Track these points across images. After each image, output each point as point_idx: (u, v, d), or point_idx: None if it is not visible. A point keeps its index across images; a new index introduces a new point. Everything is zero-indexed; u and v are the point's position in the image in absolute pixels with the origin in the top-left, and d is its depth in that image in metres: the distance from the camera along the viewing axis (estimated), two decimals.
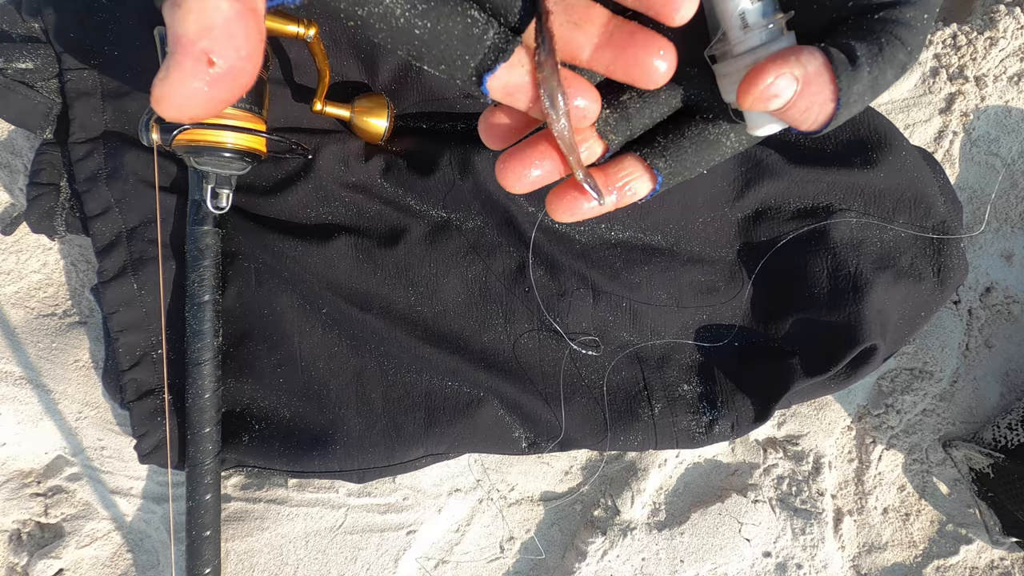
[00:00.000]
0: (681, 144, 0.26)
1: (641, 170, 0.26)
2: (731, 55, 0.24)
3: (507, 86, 0.23)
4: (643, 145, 0.27)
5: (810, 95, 0.22)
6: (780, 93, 0.21)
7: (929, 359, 0.69)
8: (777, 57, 0.22)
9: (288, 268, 0.57)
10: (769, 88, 0.21)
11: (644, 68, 0.23)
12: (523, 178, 0.25)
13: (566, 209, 0.26)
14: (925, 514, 0.69)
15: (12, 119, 0.55)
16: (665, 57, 0.23)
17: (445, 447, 0.58)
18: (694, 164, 0.27)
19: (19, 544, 0.60)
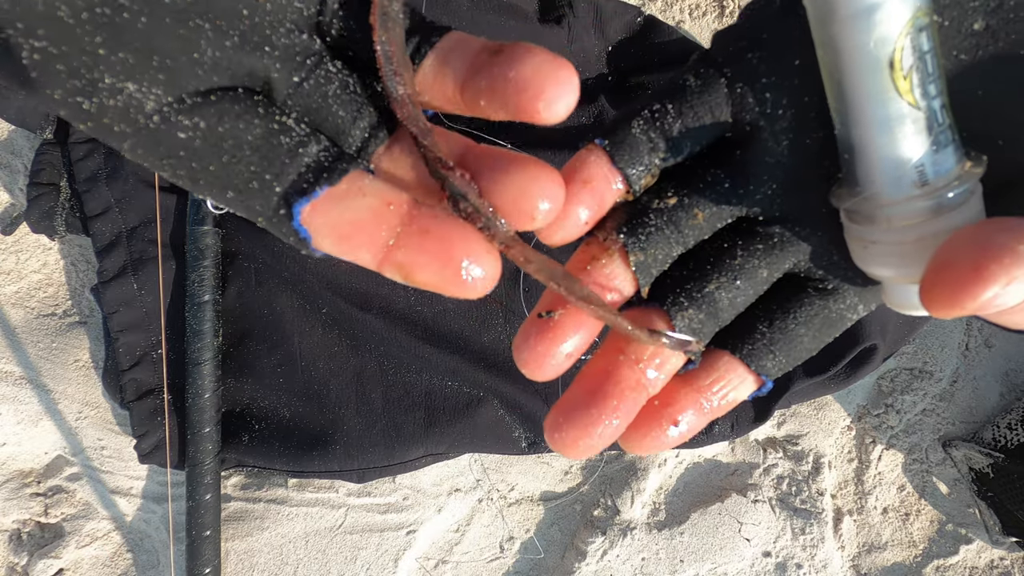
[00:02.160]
0: (793, 332, 0.20)
1: (743, 374, 0.20)
2: (885, 222, 0.17)
3: (340, 224, 0.16)
4: (741, 340, 0.20)
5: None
6: (1008, 302, 0.14)
7: (929, 359, 0.69)
8: (998, 245, 0.14)
9: (288, 268, 0.57)
10: (994, 299, 0.14)
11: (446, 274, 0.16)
12: (549, 357, 0.18)
13: (648, 443, 0.19)
14: (925, 514, 0.69)
15: (12, 119, 0.55)
16: (476, 263, 0.16)
17: (445, 447, 0.58)
18: (809, 351, 0.20)
19: (19, 544, 0.60)
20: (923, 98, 0.16)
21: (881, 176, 0.16)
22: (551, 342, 0.18)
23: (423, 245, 0.16)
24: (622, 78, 0.63)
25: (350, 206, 0.16)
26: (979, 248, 0.14)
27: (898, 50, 0.15)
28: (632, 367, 0.19)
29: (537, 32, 0.58)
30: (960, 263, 0.14)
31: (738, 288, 0.19)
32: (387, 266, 0.17)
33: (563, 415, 0.18)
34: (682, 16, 0.68)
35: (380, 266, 0.17)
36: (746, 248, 0.19)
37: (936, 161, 0.16)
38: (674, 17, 0.68)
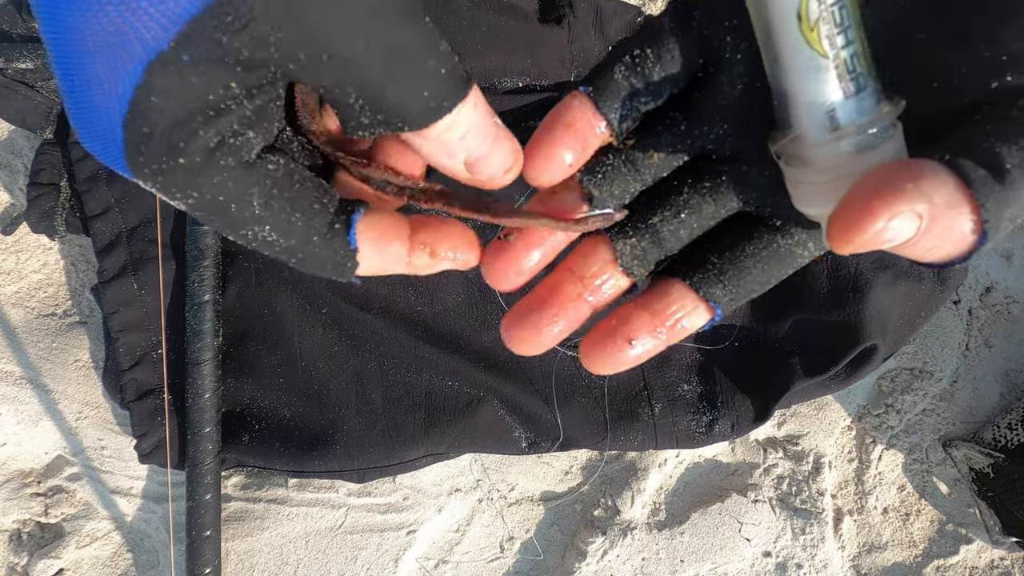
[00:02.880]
0: (742, 264, 0.21)
1: (694, 301, 0.22)
2: (811, 163, 0.18)
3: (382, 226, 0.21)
4: (693, 268, 0.22)
5: (940, 232, 0.16)
6: (896, 237, 0.16)
7: (929, 359, 0.69)
8: (887, 184, 0.15)
9: (288, 268, 0.57)
10: (880, 234, 0.15)
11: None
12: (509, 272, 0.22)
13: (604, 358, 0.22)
14: (925, 514, 0.69)
15: (12, 119, 0.55)
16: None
17: (445, 447, 0.58)
18: (760, 284, 0.22)
19: (19, 544, 0.60)
20: (831, 47, 0.17)
21: (802, 120, 0.18)
22: (509, 260, 0.22)
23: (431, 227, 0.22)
24: None
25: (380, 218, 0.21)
26: (871, 187, 0.16)
27: (804, 3, 0.17)
28: (575, 282, 0.22)
29: (537, 32, 0.58)
30: (854, 201, 0.16)
31: (681, 221, 0.22)
32: (416, 249, 0.22)
33: (515, 319, 0.23)
34: None
35: (411, 252, 0.22)
36: (694, 185, 0.21)
37: (849, 106, 0.17)
38: None
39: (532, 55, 0.58)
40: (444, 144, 0.20)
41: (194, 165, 0.18)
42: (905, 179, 0.15)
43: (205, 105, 0.17)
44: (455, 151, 0.20)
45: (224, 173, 0.18)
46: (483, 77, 0.58)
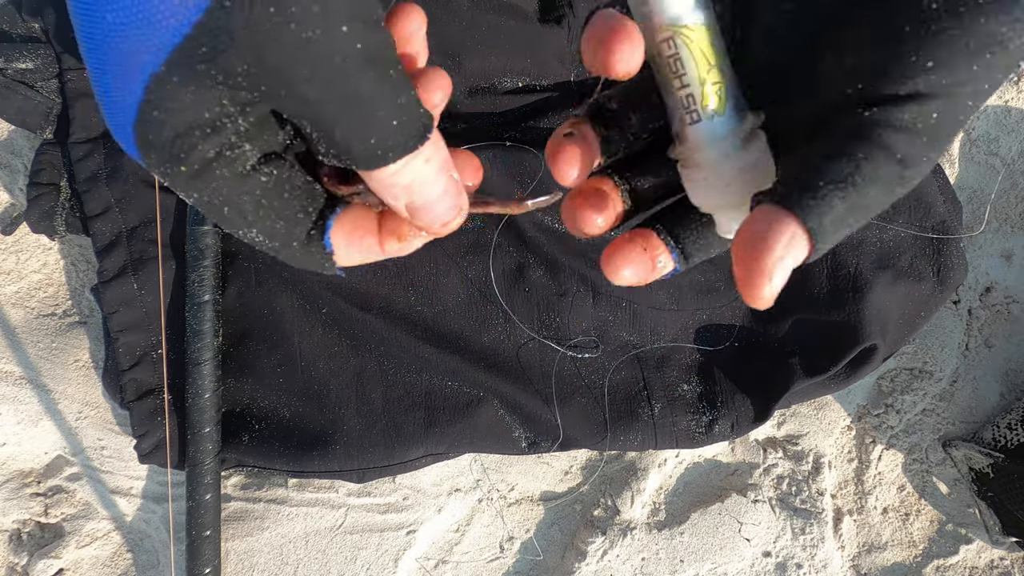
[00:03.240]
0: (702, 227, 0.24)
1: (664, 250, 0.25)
2: (693, 164, 0.23)
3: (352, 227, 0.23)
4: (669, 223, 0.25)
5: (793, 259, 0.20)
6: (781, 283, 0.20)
7: (929, 359, 0.69)
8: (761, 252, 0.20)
9: (288, 268, 0.56)
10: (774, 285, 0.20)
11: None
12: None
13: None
14: (925, 514, 0.69)
15: (12, 119, 0.55)
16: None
17: (445, 447, 0.58)
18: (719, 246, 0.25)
19: (19, 544, 0.60)
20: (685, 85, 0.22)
21: (681, 133, 0.23)
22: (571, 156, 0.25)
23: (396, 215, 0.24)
24: None
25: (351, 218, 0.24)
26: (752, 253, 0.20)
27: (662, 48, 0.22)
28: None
29: (537, 32, 0.58)
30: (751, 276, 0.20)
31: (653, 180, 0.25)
32: (385, 238, 0.24)
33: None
34: None
35: (381, 243, 0.24)
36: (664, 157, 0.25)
37: (720, 127, 0.22)
38: None
39: (532, 55, 0.58)
40: (388, 187, 0.22)
41: (193, 172, 0.20)
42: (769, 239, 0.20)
43: (203, 121, 0.20)
44: (398, 195, 0.22)
45: (219, 182, 0.21)
46: (483, 77, 0.58)
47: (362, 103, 0.20)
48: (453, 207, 0.23)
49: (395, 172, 0.21)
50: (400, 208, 0.23)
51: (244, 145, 0.21)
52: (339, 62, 0.19)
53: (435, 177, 0.22)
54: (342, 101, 0.19)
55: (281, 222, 0.22)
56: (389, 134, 0.20)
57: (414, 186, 0.22)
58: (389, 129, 0.20)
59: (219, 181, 0.21)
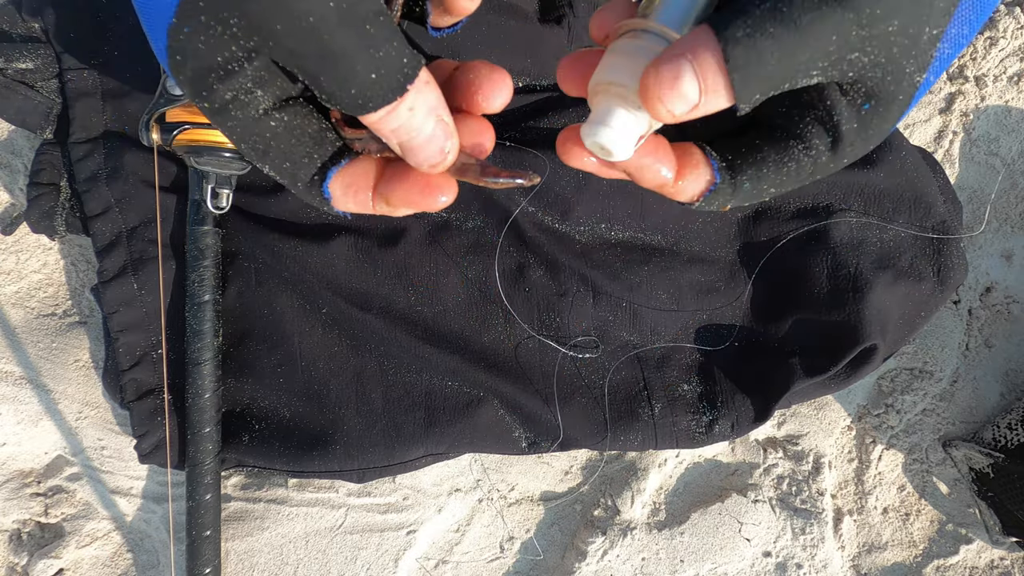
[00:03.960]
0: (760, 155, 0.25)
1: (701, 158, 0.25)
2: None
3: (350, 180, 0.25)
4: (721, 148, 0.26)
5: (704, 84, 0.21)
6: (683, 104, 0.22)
7: (929, 359, 0.69)
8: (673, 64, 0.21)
9: (288, 268, 0.57)
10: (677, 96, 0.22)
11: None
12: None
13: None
14: (925, 514, 0.69)
15: (12, 119, 0.55)
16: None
17: (445, 447, 0.58)
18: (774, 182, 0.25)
19: (19, 544, 0.60)
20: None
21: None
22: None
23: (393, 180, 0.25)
24: None
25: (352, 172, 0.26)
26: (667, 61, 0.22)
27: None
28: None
29: (537, 32, 0.58)
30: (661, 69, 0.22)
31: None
32: (376, 199, 0.26)
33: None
34: None
35: (373, 202, 0.26)
36: None
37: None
38: None
39: (532, 55, 0.58)
40: (379, 131, 0.24)
41: (215, 110, 0.23)
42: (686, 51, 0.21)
43: (216, 64, 0.22)
44: (388, 138, 0.24)
45: (235, 121, 0.24)
46: None
47: (339, 58, 0.21)
48: (438, 151, 0.24)
49: (380, 119, 0.23)
50: (395, 147, 0.24)
51: (256, 91, 0.23)
52: (314, 21, 0.20)
53: (421, 123, 0.23)
54: (320, 56, 0.21)
55: (288, 163, 0.25)
56: (368, 86, 0.22)
57: (400, 131, 0.23)
58: (368, 81, 0.22)
59: (234, 120, 0.23)
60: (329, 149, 0.25)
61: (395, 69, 0.22)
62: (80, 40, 0.54)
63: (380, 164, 0.26)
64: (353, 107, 0.23)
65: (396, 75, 0.22)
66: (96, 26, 0.54)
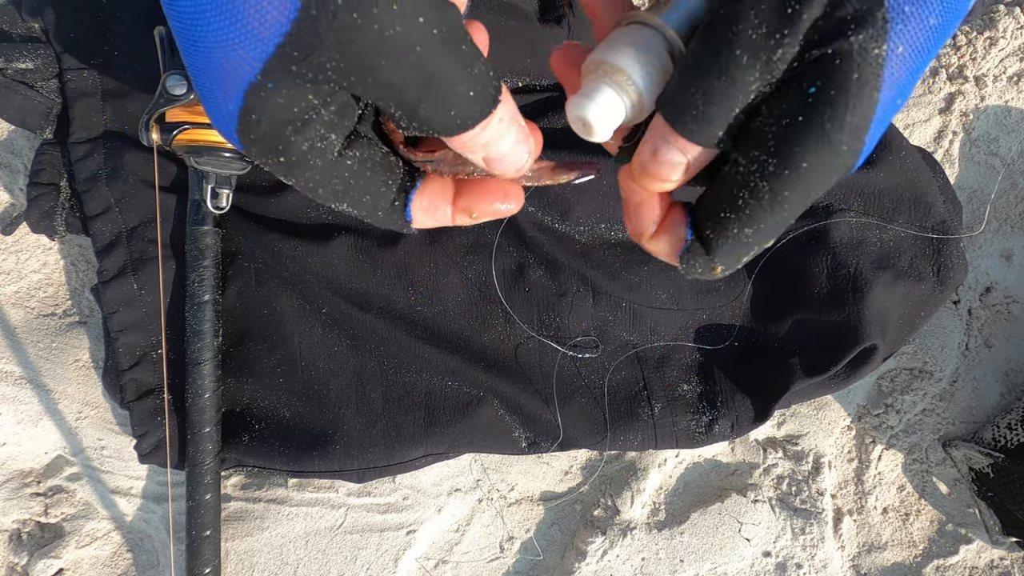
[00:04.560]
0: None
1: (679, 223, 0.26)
2: None
3: (430, 199, 0.26)
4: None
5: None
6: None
7: (929, 359, 0.69)
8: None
9: (288, 268, 0.57)
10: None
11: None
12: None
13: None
14: (925, 514, 0.69)
15: (12, 119, 0.55)
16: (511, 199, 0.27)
17: (445, 447, 0.58)
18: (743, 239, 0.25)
19: (19, 544, 0.60)
20: None
21: None
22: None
23: (472, 192, 0.27)
24: None
25: (430, 190, 0.27)
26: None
27: None
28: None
29: (537, 32, 0.58)
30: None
31: None
32: (457, 213, 0.27)
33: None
34: None
35: (454, 217, 0.27)
36: None
37: None
38: None
39: (532, 55, 0.58)
40: (468, 148, 0.24)
41: (291, 163, 0.23)
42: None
43: (293, 117, 0.22)
44: (477, 152, 0.24)
45: (313, 170, 0.24)
46: None
47: (441, 82, 0.22)
48: (524, 153, 0.25)
49: (474, 135, 0.24)
50: (478, 161, 0.25)
51: (331, 136, 0.23)
52: (419, 51, 0.21)
53: (507, 131, 0.24)
54: (423, 83, 0.21)
55: (368, 196, 0.25)
56: (467, 104, 0.22)
57: (490, 143, 0.24)
58: (467, 100, 0.22)
59: (312, 170, 0.24)
60: (398, 172, 0.26)
61: (487, 83, 0.23)
62: (80, 40, 0.54)
63: (450, 180, 0.27)
64: (450, 128, 0.23)
65: (489, 89, 0.23)
66: (96, 26, 0.54)
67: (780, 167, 0.21)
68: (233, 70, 0.21)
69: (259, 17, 0.20)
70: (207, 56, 0.22)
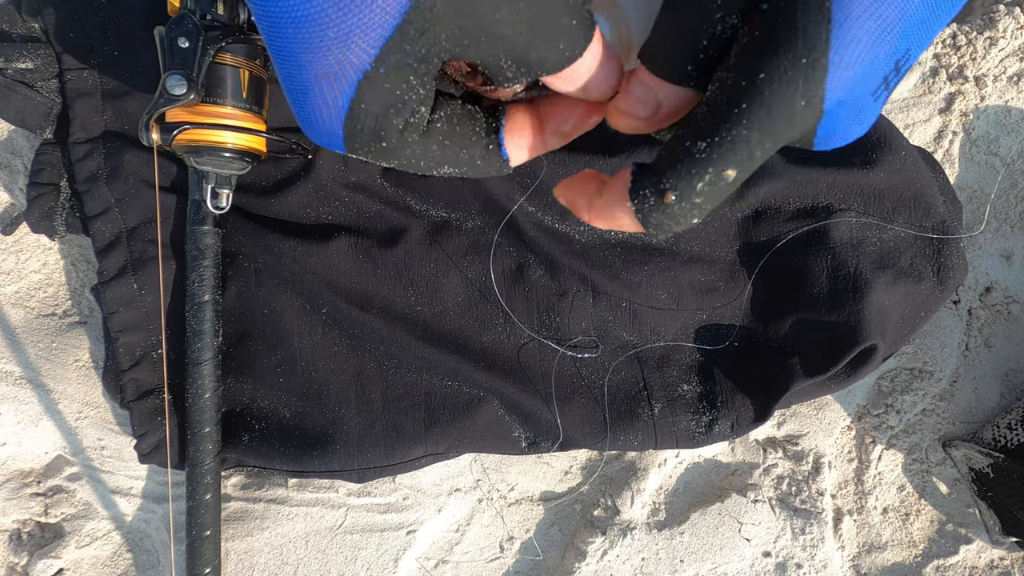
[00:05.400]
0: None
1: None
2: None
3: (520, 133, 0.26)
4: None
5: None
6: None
7: (929, 359, 0.69)
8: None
9: (288, 268, 0.57)
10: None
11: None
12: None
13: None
14: (925, 514, 0.69)
15: (12, 119, 0.55)
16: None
17: (445, 447, 0.58)
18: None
19: (19, 544, 0.60)
20: None
21: None
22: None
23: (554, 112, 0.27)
24: None
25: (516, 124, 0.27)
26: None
27: None
28: None
29: None
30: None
31: None
32: (549, 137, 0.27)
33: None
34: None
35: (546, 141, 0.27)
36: None
37: None
38: None
39: None
40: (572, 80, 0.24)
41: (391, 144, 0.24)
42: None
43: (395, 100, 0.23)
44: (577, 81, 0.25)
45: (412, 146, 0.24)
46: None
47: (548, 17, 0.22)
48: (616, 75, 0.25)
49: (578, 66, 0.24)
50: (573, 91, 0.25)
51: (421, 109, 0.24)
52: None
53: (600, 53, 0.24)
54: (532, 24, 0.22)
55: (464, 152, 0.26)
56: (573, 34, 0.23)
57: (589, 68, 0.24)
58: (571, 30, 0.23)
59: (412, 146, 0.24)
60: (480, 118, 0.26)
61: (581, 9, 0.23)
62: (80, 40, 0.54)
63: (530, 108, 0.27)
64: (560, 63, 0.23)
65: (584, 13, 0.23)
66: (96, 26, 0.54)
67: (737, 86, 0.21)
68: (348, 63, 0.21)
69: (380, 3, 0.20)
70: (320, 55, 0.21)
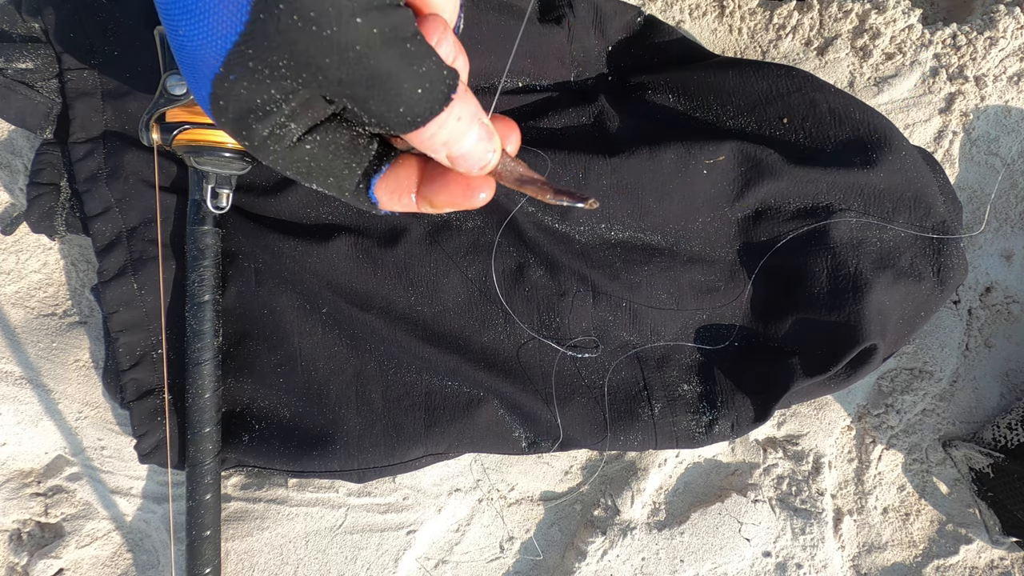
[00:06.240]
0: None
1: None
2: None
3: (394, 185, 0.27)
4: None
5: None
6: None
7: (929, 359, 0.69)
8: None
9: (288, 268, 0.57)
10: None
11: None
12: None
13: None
14: (925, 514, 0.69)
15: (12, 119, 0.55)
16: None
17: (445, 447, 0.58)
18: None
19: (19, 544, 0.60)
20: None
21: None
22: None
23: (436, 182, 0.27)
24: (622, 78, 0.63)
25: (396, 176, 0.27)
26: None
27: None
28: None
29: (537, 32, 0.58)
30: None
31: None
32: (420, 201, 0.28)
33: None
34: (682, 16, 0.68)
35: (418, 204, 0.28)
36: None
37: None
38: (674, 17, 0.68)
39: (532, 55, 0.58)
40: (429, 146, 0.25)
41: (255, 146, 0.26)
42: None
43: (255, 107, 0.24)
44: (437, 150, 0.25)
45: (275, 154, 0.26)
46: (483, 77, 0.58)
47: (386, 79, 0.23)
48: (487, 151, 0.26)
49: (431, 133, 0.24)
50: (442, 159, 0.26)
51: (290, 125, 0.25)
52: (360, 48, 0.22)
53: (467, 129, 0.25)
54: (369, 80, 0.23)
55: (331, 178, 0.27)
56: (416, 102, 0.23)
57: (450, 140, 0.25)
58: (415, 97, 0.23)
59: (274, 153, 0.26)
60: (365, 156, 0.27)
61: (439, 80, 0.23)
62: (80, 40, 0.54)
63: (421, 165, 0.28)
64: (403, 125, 0.24)
65: (440, 86, 0.24)
66: (96, 26, 0.54)
67: None
68: (202, 61, 0.24)
69: (217, 19, 0.22)
70: (184, 48, 0.24)
